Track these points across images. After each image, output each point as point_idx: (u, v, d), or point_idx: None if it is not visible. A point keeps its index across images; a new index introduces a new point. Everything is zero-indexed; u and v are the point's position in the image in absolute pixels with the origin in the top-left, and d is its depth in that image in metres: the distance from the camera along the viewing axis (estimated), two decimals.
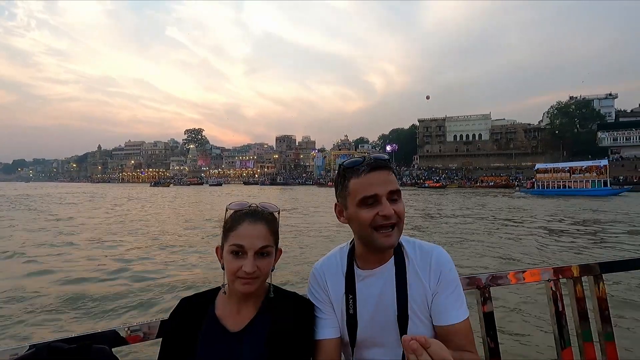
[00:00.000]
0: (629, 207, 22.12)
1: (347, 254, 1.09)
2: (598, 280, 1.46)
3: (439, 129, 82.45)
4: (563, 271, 1.45)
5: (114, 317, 4.91)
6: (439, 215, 18.60)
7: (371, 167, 0.97)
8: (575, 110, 67.93)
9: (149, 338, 1.06)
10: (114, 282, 6.55)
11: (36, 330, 4.57)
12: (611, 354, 1.43)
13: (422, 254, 1.05)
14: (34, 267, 7.74)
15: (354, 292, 1.04)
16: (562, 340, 1.39)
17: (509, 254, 8.77)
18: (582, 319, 1.42)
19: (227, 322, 1.00)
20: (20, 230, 13.53)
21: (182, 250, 9.63)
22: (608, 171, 37.11)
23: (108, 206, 25.84)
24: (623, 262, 1.58)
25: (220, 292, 1.05)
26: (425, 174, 75.78)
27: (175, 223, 15.81)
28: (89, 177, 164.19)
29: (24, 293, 5.91)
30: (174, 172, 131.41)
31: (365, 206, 0.96)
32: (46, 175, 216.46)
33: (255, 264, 0.94)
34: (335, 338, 1.04)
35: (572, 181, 38.02)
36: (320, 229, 13.19)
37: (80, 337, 0.97)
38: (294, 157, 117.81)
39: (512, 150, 72.53)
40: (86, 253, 9.19)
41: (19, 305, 5.39)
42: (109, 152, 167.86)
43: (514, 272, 1.41)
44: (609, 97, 69.85)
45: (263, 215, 1.01)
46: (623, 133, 61.71)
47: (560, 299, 1.41)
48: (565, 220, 15.59)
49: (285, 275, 6.64)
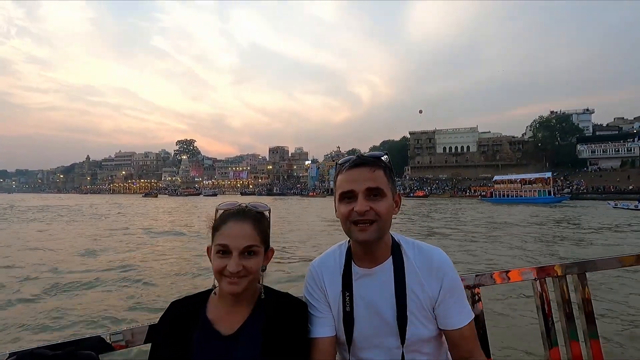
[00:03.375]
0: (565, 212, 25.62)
1: (345, 251, 1.10)
2: (582, 279, 1.50)
3: (429, 141, 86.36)
4: (546, 270, 1.47)
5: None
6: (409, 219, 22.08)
7: (353, 164, 1.01)
8: (556, 124, 72.66)
9: (136, 344, 1.04)
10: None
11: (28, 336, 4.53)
12: (596, 351, 1.45)
13: (421, 254, 1.05)
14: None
15: (350, 289, 1.04)
16: (549, 339, 1.42)
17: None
18: (567, 318, 1.44)
19: (220, 325, 0.98)
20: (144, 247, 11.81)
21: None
22: (551, 182, 43.96)
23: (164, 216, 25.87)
24: (605, 260, 1.61)
25: (212, 294, 1.03)
26: (416, 184, 78.85)
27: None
28: (76, 188, 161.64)
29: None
30: (166, 183, 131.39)
31: (344, 201, 1.00)
32: (30, 186, 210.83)
33: (240, 263, 0.93)
34: (331, 336, 1.04)
35: (522, 191, 44.63)
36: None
37: (64, 343, 0.94)
38: (287, 168, 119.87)
39: (499, 162, 76.56)
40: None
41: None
42: (98, 163, 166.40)
43: (498, 272, 1.42)
44: (586, 112, 75.38)
45: (250, 214, 1.00)
46: (600, 146, 66.23)
47: (546, 299, 1.43)
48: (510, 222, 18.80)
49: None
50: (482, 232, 15.00)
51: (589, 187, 53.66)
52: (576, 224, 18.23)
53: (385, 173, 1.01)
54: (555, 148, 69.75)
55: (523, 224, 18.59)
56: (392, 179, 1.04)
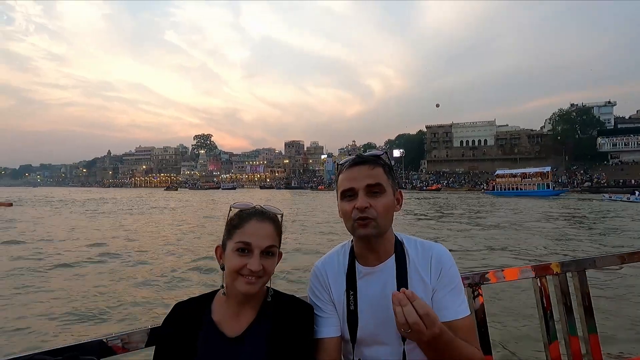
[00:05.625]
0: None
1: (348, 251, 1.11)
2: (581, 276, 1.55)
3: (446, 135, 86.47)
4: (543, 268, 1.50)
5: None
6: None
7: (353, 162, 1.04)
8: (576, 117, 71.79)
9: (137, 347, 1.03)
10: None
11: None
12: (595, 346, 1.50)
13: (423, 251, 1.06)
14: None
15: (355, 288, 1.06)
16: (548, 335, 1.46)
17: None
18: (567, 313, 1.49)
19: (225, 327, 0.97)
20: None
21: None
22: (550, 176, 46.42)
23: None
24: (603, 258, 1.65)
25: (217, 296, 1.02)
26: (433, 178, 79.45)
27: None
28: (99, 182, 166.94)
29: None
30: (185, 177, 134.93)
31: (346, 199, 1.03)
32: (54, 180, 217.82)
33: (260, 263, 0.93)
34: (336, 337, 1.05)
35: (523, 184, 46.96)
36: None
37: (65, 348, 0.93)
38: (303, 162, 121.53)
39: (517, 155, 76.28)
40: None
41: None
42: (119, 158, 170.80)
43: (494, 271, 1.45)
44: (608, 105, 73.95)
45: (269, 215, 1.01)
46: (622, 139, 65.54)
47: (546, 295, 1.48)
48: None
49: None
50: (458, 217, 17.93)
51: (610, 180, 53.48)
52: (568, 212, 21.07)
53: (385, 170, 1.04)
54: (575, 141, 69.02)
55: (502, 211, 21.79)
56: (393, 177, 1.06)
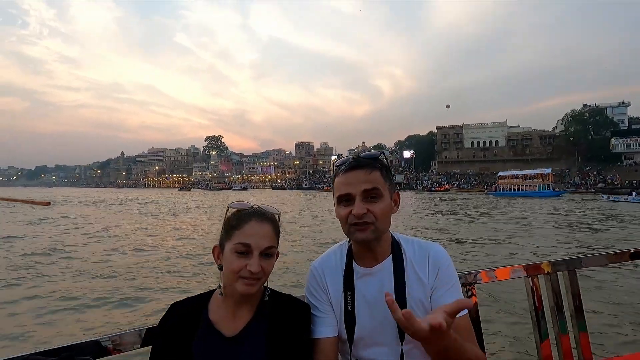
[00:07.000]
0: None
1: (346, 251, 1.11)
2: (572, 276, 1.57)
3: (457, 136, 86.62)
4: (534, 268, 1.52)
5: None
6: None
7: (350, 166, 1.02)
8: (589, 117, 71.28)
9: (132, 348, 1.02)
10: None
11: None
12: (585, 344, 1.52)
13: (420, 251, 1.06)
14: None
15: (352, 289, 1.05)
16: (540, 333, 1.48)
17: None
18: (558, 313, 1.51)
19: (222, 326, 0.97)
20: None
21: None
22: (551, 177, 47.84)
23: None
24: (592, 257, 1.68)
25: (214, 296, 1.02)
26: (443, 179, 79.71)
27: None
28: (112, 182, 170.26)
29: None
30: (197, 178, 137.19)
31: (342, 204, 1.02)
32: (69, 181, 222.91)
33: (260, 264, 0.92)
34: (333, 337, 1.04)
35: (524, 185, 48.37)
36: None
37: (59, 348, 0.93)
38: (313, 163, 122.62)
39: (529, 156, 76.03)
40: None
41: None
42: (132, 159, 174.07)
43: (487, 271, 1.46)
44: (621, 105, 73.49)
45: (268, 215, 1.00)
46: (636, 139, 64.86)
47: (537, 295, 1.50)
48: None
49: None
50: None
51: (625, 181, 53.27)
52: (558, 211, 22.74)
53: (382, 173, 1.03)
54: (588, 142, 68.65)
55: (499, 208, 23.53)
56: (390, 178, 1.05)
